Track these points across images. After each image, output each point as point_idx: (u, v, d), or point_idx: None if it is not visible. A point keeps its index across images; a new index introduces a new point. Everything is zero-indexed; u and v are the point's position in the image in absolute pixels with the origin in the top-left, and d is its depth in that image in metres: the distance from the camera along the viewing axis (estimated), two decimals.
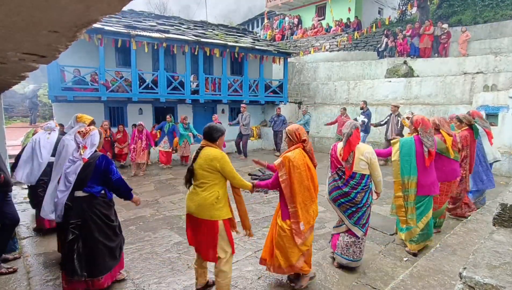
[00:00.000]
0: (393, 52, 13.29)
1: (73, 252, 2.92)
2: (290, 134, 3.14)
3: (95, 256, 3.00)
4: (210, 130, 2.94)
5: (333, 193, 3.50)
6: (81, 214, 2.96)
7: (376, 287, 3.22)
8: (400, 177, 3.85)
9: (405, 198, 3.85)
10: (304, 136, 3.11)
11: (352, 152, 3.32)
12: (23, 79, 2.90)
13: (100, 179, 3.06)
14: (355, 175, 3.33)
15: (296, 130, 3.13)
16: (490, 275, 1.41)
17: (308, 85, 14.10)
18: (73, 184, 2.98)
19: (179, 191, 6.95)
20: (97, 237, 3.00)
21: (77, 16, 1.09)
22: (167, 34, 9.93)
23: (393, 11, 19.67)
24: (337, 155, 3.46)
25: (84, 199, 3.00)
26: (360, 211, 3.40)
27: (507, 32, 11.83)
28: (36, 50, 1.63)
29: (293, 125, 3.23)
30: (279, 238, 3.05)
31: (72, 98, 8.89)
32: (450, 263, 2.32)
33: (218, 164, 2.82)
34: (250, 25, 29.00)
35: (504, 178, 7.71)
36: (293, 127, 3.17)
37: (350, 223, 3.45)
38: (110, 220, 3.13)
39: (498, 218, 1.96)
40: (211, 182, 2.86)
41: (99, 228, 3.02)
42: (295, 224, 2.96)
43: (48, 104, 14.76)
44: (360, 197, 3.35)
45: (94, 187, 3.02)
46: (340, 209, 3.51)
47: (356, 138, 3.36)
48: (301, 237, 2.97)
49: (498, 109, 8.46)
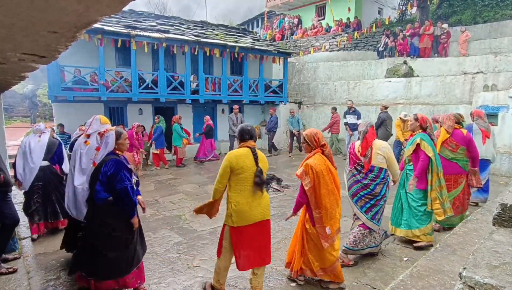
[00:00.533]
0: (393, 52, 13.29)
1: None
2: (309, 139, 3.10)
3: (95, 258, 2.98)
4: (253, 131, 2.95)
5: (353, 187, 3.67)
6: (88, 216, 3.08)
7: (376, 287, 3.22)
8: (436, 167, 3.95)
9: (439, 189, 3.96)
10: (323, 141, 3.10)
11: (370, 148, 3.54)
12: (23, 79, 2.90)
13: (107, 185, 2.89)
14: (374, 168, 3.52)
15: (314, 134, 3.10)
16: (490, 275, 1.41)
17: (308, 85, 14.10)
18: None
19: (179, 191, 6.95)
20: (93, 242, 2.97)
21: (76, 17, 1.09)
22: (167, 34, 9.93)
23: (393, 11, 19.67)
24: (355, 152, 3.67)
25: (92, 203, 2.99)
26: (378, 204, 3.60)
27: (507, 32, 11.83)
28: (35, 51, 1.62)
29: (311, 130, 3.20)
30: (312, 243, 3.10)
31: (72, 98, 8.88)
32: (450, 263, 2.32)
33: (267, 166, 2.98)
34: (250, 25, 29.00)
35: (504, 178, 7.71)
36: (312, 132, 3.14)
37: (366, 218, 3.61)
38: (113, 229, 2.91)
39: (498, 218, 1.96)
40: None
41: (102, 235, 2.92)
42: (321, 229, 2.99)
43: (48, 104, 14.75)
44: (379, 189, 3.55)
45: (100, 193, 2.89)
46: (357, 205, 3.66)
47: (372, 134, 3.59)
48: (328, 241, 3.00)
49: (498, 109, 8.46)
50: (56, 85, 8.54)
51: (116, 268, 2.95)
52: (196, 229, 4.87)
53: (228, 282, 3.38)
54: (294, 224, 4.98)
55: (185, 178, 8.13)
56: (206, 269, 3.67)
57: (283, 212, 5.49)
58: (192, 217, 5.35)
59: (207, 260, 3.88)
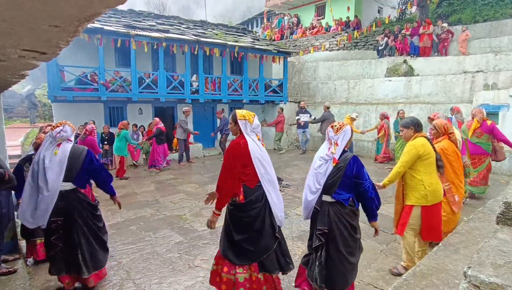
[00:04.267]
0: (393, 51, 13.29)
1: (316, 260, 2.67)
2: (439, 127, 3.80)
3: (336, 269, 2.67)
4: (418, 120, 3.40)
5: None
6: (328, 221, 2.66)
7: (378, 287, 3.21)
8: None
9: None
10: (450, 129, 3.78)
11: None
12: (23, 78, 2.87)
13: (350, 185, 2.65)
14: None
15: (445, 124, 3.81)
16: (495, 274, 1.39)
17: (308, 85, 14.08)
18: (322, 187, 2.70)
19: (179, 191, 6.93)
20: (340, 249, 2.64)
21: (79, 9, 1.07)
22: (167, 33, 9.91)
23: (392, 10, 19.66)
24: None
25: (331, 204, 2.69)
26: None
27: (507, 30, 11.82)
28: (36, 47, 1.60)
29: (441, 120, 3.91)
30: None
31: (71, 98, 8.87)
32: (453, 262, 2.31)
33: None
34: (249, 24, 28.97)
35: (505, 177, 7.70)
36: (442, 122, 3.85)
37: None
38: (355, 231, 2.70)
39: (502, 217, 1.94)
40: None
41: (343, 239, 2.66)
42: (451, 197, 3.64)
43: (48, 104, 14.73)
44: None
45: (342, 194, 2.65)
46: None
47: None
48: (457, 207, 3.68)
49: (498, 108, 8.45)
50: (55, 85, 8.52)
51: (353, 272, 2.77)
52: (197, 229, 4.86)
53: None
54: (294, 224, 4.96)
55: (186, 178, 8.11)
56: (207, 269, 3.65)
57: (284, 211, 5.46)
58: (193, 216, 5.34)
59: (208, 260, 3.86)
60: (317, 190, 2.71)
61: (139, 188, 7.12)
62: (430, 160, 3.21)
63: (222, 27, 14.16)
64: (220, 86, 11.29)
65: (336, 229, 2.63)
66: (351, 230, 2.67)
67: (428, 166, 3.22)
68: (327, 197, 2.69)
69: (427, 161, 3.20)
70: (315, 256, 2.70)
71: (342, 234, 2.64)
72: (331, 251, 2.65)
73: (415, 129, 3.35)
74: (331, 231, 2.64)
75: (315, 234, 2.71)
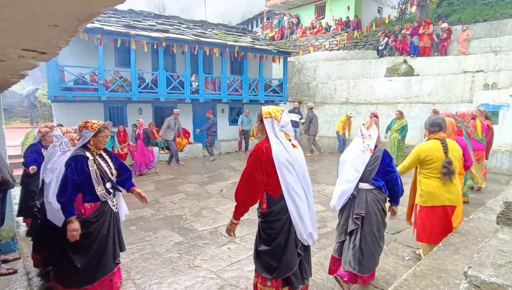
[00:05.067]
0: (393, 51, 13.28)
1: (350, 243, 2.93)
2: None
3: (368, 251, 2.91)
4: (443, 121, 3.26)
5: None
6: (366, 206, 2.92)
7: (378, 287, 3.20)
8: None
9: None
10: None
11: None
12: (22, 78, 2.87)
13: (384, 173, 2.97)
14: None
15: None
16: (495, 274, 1.39)
17: (308, 84, 14.08)
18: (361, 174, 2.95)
19: (179, 191, 6.93)
20: (375, 232, 2.93)
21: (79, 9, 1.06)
22: (167, 33, 9.91)
23: (392, 10, 19.65)
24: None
25: (369, 191, 2.97)
26: None
27: (507, 30, 11.81)
28: (36, 46, 1.60)
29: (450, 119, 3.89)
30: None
31: (71, 98, 8.86)
32: (453, 262, 2.30)
33: (462, 154, 3.27)
34: (249, 24, 28.94)
35: (505, 177, 7.69)
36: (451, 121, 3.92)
37: None
38: (384, 217, 3.04)
39: (502, 217, 1.94)
40: (457, 172, 3.21)
41: (378, 223, 2.95)
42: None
43: (48, 104, 14.72)
44: None
45: (379, 180, 2.97)
46: None
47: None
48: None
49: (498, 107, 8.45)
50: (55, 85, 8.51)
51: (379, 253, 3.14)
52: (197, 229, 4.86)
53: (230, 282, 3.37)
54: None
55: (185, 178, 8.11)
56: (207, 269, 3.65)
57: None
58: (193, 216, 5.34)
59: (208, 260, 3.87)
60: (356, 178, 2.94)
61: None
62: (434, 165, 3.18)
63: (222, 27, 14.15)
64: (220, 86, 11.29)
65: (372, 213, 2.91)
66: (383, 215, 2.99)
67: (430, 170, 3.22)
68: (365, 185, 2.96)
69: (431, 166, 3.21)
70: (349, 240, 2.94)
71: (377, 218, 2.93)
72: (366, 234, 2.90)
73: (429, 131, 3.33)
74: (368, 215, 2.90)
75: (352, 218, 2.94)
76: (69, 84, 8.88)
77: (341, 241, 3.05)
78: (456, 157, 3.19)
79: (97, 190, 2.72)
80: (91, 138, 2.77)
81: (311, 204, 2.48)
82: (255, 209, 2.56)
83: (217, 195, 6.56)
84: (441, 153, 3.15)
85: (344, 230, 3.03)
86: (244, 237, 4.49)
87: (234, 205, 2.48)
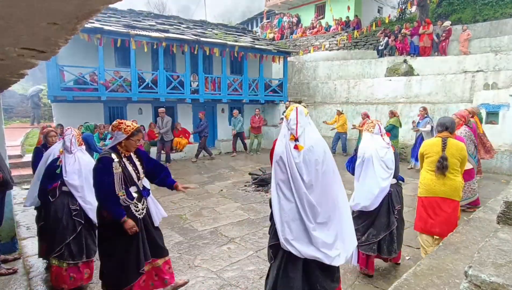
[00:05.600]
0: (393, 51, 13.27)
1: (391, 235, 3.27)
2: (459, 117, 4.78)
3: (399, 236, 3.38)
4: (451, 123, 3.46)
5: None
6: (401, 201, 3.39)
7: (378, 286, 3.20)
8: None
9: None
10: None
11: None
12: (22, 77, 2.86)
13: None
14: None
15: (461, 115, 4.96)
16: (496, 274, 1.39)
17: (308, 84, 14.07)
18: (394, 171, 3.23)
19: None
20: (404, 220, 3.50)
21: (78, 6, 1.06)
22: (167, 33, 9.91)
23: (392, 10, 19.64)
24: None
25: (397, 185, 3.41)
26: None
27: (507, 30, 11.81)
28: (35, 45, 1.59)
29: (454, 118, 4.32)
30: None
31: (71, 98, 8.86)
32: (453, 262, 2.30)
33: (464, 153, 3.37)
34: (249, 24, 28.94)
35: (505, 177, 7.68)
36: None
37: None
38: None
39: (503, 216, 1.93)
40: (458, 169, 3.35)
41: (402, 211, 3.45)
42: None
43: (48, 104, 14.71)
44: None
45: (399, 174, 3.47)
46: None
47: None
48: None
49: (498, 107, 8.44)
50: (55, 85, 8.51)
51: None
52: (197, 228, 4.85)
53: (230, 282, 3.37)
54: None
55: (185, 178, 8.10)
56: (207, 269, 3.65)
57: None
58: (193, 216, 5.33)
59: (208, 260, 3.86)
60: (390, 175, 3.19)
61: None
62: (431, 159, 3.43)
63: (222, 27, 14.15)
64: (220, 86, 11.29)
65: (403, 204, 3.43)
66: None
67: (428, 164, 3.48)
68: (393, 180, 3.31)
69: (428, 160, 3.48)
70: (390, 233, 3.27)
71: (402, 207, 3.43)
72: (399, 224, 3.35)
73: (437, 130, 3.67)
74: (402, 206, 3.40)
75: (392, 213, 3.27)
76: (69, 84, 8.88)
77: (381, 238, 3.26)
78: (454, 154, 3.31)
79: (118, 194, 2.58)
80: (123, 140, 2.66)
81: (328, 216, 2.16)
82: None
83: (217, 195, 6.55)
84: (438, 149, 3.35)
85: (383, 228, 3.25)
86: (244, 237, 4.48)
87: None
